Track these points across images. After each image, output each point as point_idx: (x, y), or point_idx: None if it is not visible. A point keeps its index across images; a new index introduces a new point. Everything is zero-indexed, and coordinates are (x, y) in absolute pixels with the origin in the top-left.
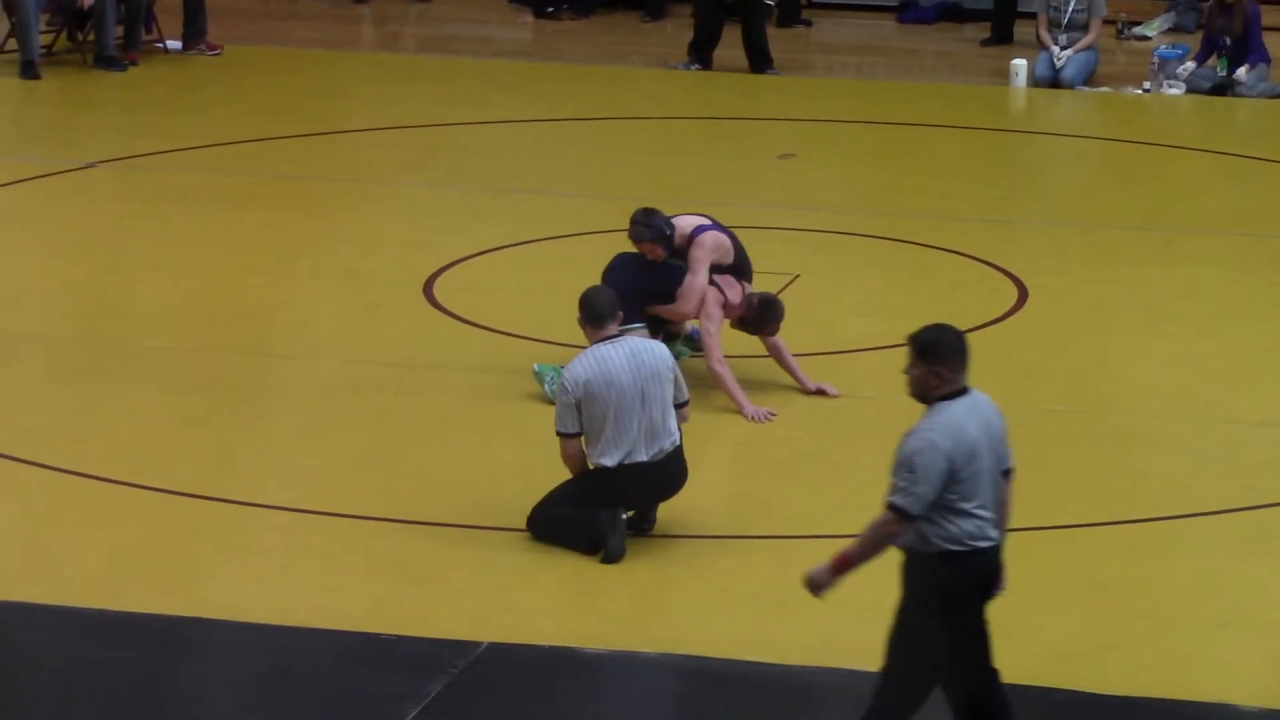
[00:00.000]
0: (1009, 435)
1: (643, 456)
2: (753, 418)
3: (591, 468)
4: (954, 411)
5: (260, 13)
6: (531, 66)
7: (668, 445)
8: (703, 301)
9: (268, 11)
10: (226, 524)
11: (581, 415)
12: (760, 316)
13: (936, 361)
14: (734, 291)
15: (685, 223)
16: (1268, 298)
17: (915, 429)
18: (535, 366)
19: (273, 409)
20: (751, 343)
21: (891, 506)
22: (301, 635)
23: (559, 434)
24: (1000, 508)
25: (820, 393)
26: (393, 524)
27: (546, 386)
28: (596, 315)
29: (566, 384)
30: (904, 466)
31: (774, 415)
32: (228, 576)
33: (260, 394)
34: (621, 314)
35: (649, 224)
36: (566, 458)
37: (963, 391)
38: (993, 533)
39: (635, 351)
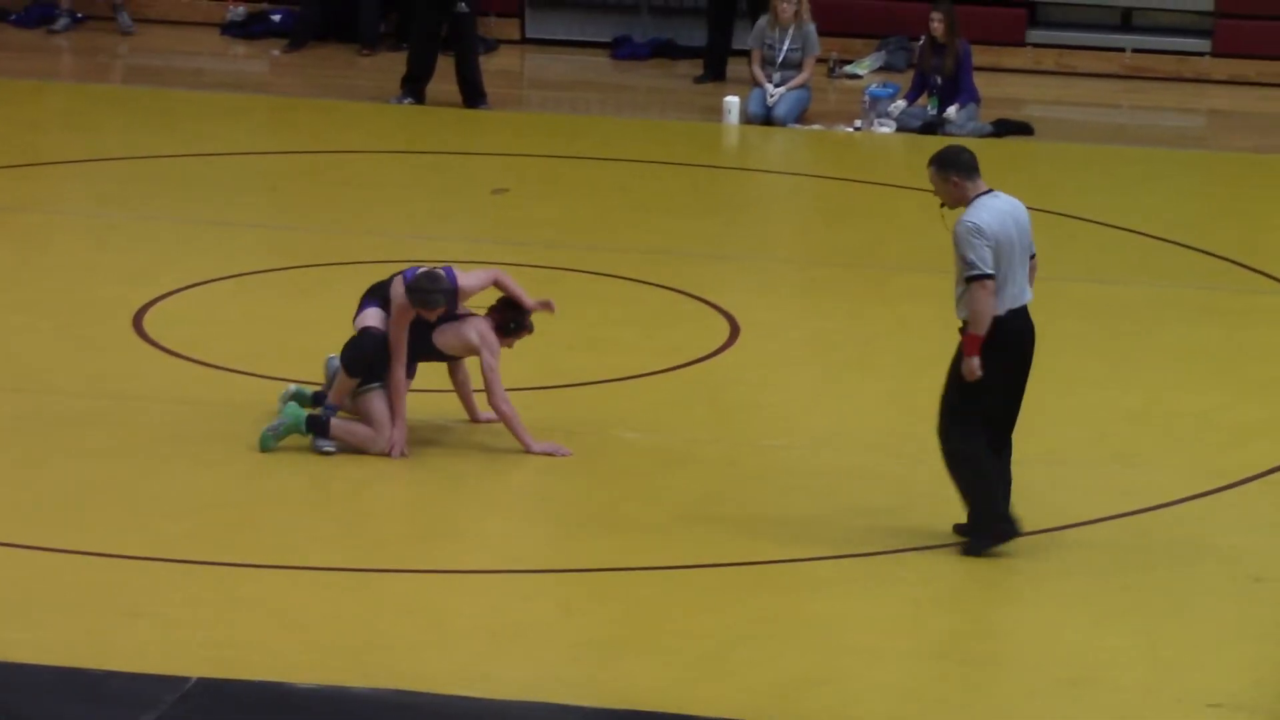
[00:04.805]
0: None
1: (1021, 302)
2: (542, 453)
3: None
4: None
5: None
6: (244, 99)
7: (1027, 297)
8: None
9: None
10: None
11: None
12: (513, 312)
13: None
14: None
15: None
16: None
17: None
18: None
19: None
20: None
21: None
22: (9, 670)
23: (982, 276)
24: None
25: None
26: (103, 558)
27: (274, 426)
28: (972, 167)
29: (983, 229)
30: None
31: (566, 451)
32: None
33: None
34: None
35: (440, 290)
36: (981, 301)
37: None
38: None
39: (1012, 204)
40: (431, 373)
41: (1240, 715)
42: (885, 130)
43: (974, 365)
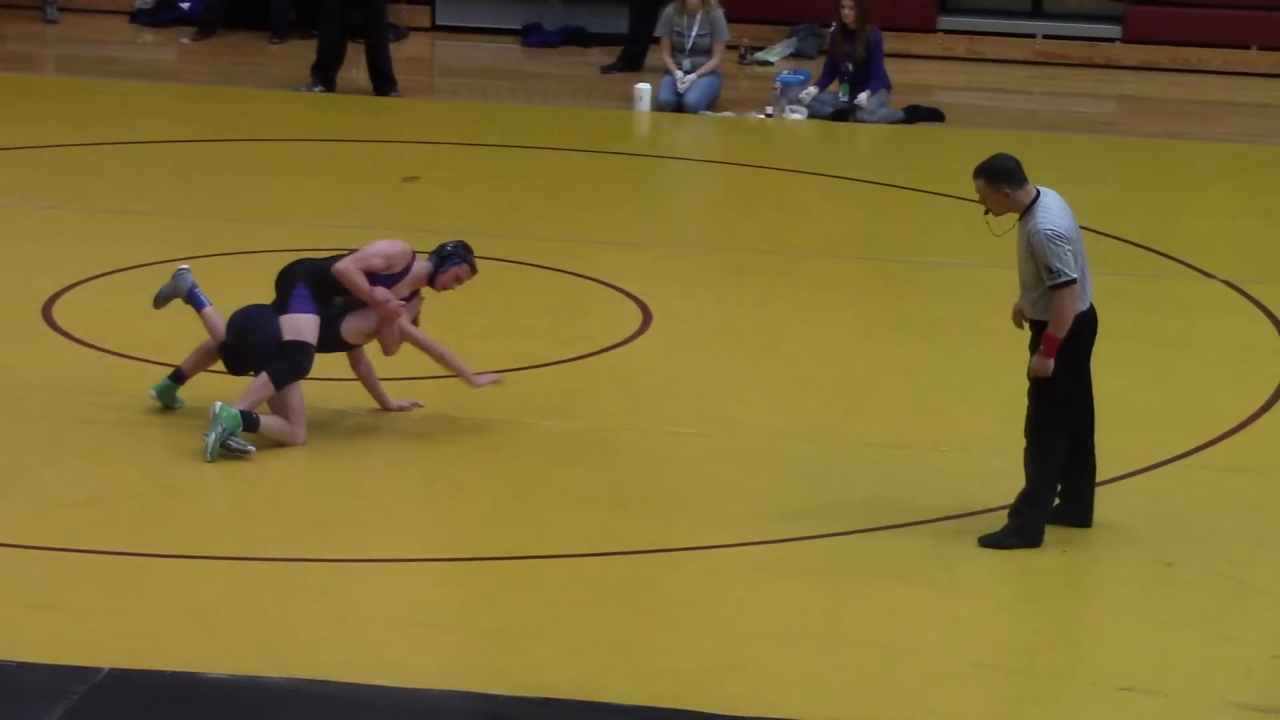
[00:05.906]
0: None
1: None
2: (489, 384)
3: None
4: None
5: None
6: (154, 87)
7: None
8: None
9: None
10: None
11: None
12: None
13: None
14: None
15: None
16: (886, 321)
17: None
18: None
19: None
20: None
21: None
22: None
23: (1069, 281)
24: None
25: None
26: (10, 548)
27: (214, 434)
28: (1021, 176)
29: (1063, 233)
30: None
31: (500, 379)
32: None
33: None
34: None
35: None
36: (1068, 306)
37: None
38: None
39: (1061, 198)
40: (336, 363)
41: (1152, 699)
42: (796, 117)
43: (1048, 365)
